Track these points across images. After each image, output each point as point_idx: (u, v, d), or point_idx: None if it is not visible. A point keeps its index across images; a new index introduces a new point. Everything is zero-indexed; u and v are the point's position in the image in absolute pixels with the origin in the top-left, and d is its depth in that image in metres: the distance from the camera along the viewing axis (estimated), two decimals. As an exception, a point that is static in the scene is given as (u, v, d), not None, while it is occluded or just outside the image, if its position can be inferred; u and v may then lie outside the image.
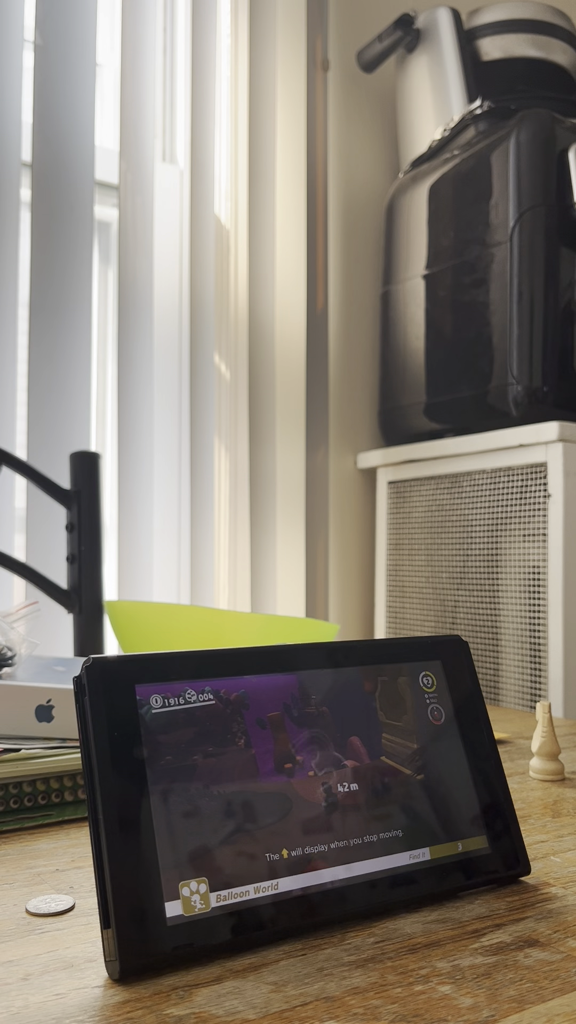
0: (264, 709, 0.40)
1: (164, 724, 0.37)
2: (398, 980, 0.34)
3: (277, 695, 0.40)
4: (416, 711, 0.44)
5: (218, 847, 0.36)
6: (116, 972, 0.33)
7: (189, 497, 1.23)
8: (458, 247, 1.21)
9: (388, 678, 0.44)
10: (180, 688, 0.38)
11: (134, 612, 0.82)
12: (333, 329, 1.41)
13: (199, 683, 0.39)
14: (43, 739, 0.58)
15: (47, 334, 1.11)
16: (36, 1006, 0.32)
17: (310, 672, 0.42)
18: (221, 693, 0.39)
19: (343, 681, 0.43)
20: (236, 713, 0.39)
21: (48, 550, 1.08)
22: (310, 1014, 0.31)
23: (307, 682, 0.42)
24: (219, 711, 0.38)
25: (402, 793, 0.42)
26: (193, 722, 0.37)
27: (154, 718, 0.37)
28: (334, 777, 0.40)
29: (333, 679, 0.43)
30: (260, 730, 0.39)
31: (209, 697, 0.39)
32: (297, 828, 0.38)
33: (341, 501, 1.40)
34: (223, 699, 0.39)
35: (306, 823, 0.39)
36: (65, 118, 1.13)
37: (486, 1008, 0.32)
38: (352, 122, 1.45)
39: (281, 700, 0.40)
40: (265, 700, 0.40)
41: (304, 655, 0.43)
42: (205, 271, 1.25)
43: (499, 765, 0.45)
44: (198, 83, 1.25)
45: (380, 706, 0.44)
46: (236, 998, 0.32)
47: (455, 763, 0.44)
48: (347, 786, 0.41)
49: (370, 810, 0.41)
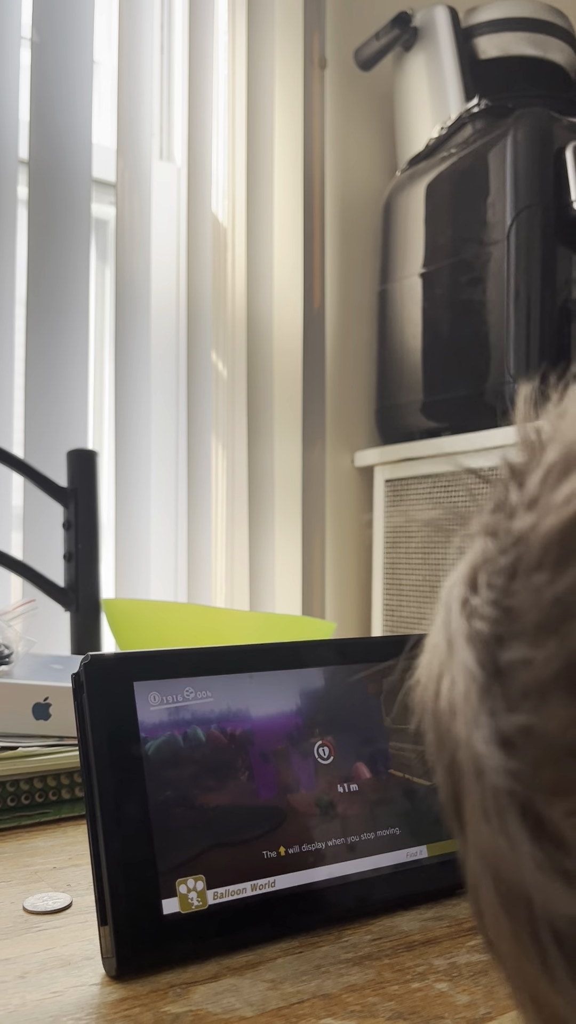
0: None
1: (162, 721, 0.37)
2: (395, 977, 0.34)
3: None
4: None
5: (215, 844, 0.36)
6: (113, 969, 0.33)
7: (186, 495, 1.23)
8: (455, 245, 1.21)
9: (394, 678, 0.44)
10: (179, 686, 0.38)
11: (131, 610, 0.82)
12: (330, 327, 1.41)
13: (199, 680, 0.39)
14: (40, 737, 0.58)
15: (44, 332, 1.10)
16: (33, 1004, 0.32)
17: (312, 689, 0.42)
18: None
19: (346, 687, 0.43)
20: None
21: (45, 548, 1.08)
22: (307, 1011, 0.31)
23: (310, 708, 0.41)
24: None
25: (399, 791, 0.42)
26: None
27: (152, 715, 0.37)
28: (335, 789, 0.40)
29: (336, 685, 0.43)
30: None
31: (208, 695, 0.39)
32: (294, 826, 0.39)
33: (338, 499, 1.40)
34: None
35: (303, 821, 0.39)
36: (62, 116, 1.12)
37: (483, 1005, 0.32)
38: (349, 120, 1.45)
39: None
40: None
41: (302, 652, 0.43)
42: (202, 269, 1.25)
43: (496, 763, 0.45)
44: (195, 81, 1.25)
45: (387, 710, 0.44)
46: (233, 995, 0.32)
47: (452, 761, 0.44)
48: (346, 787, 0.41)
49: (367, 808, 0.41)
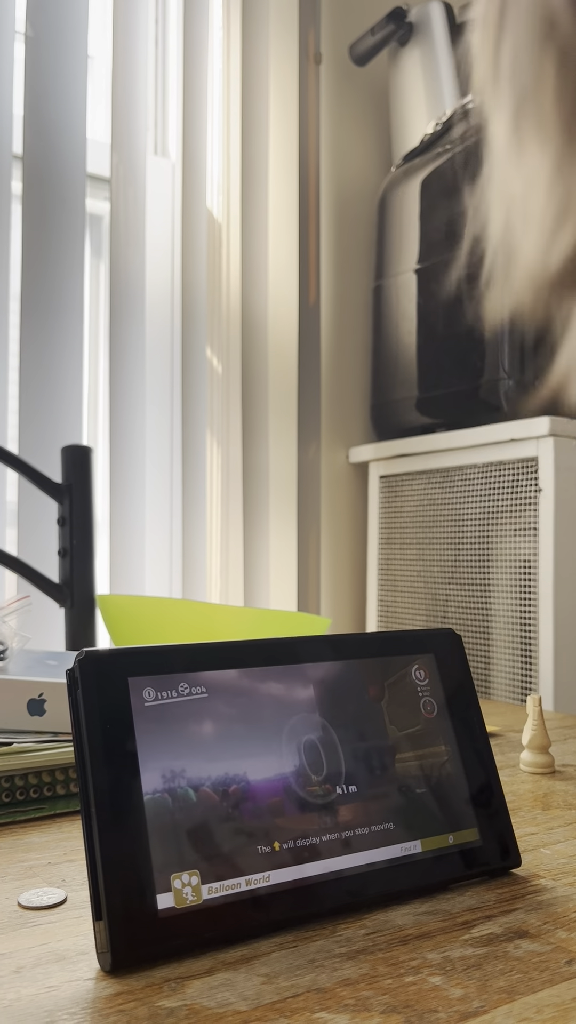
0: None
1: (157, 717, 0.37)
2: (389, 971, 0.34)
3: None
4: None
5: (210, 840, 0.36)
6: (108, 964, 0.33)
7: (181, 491, 1.23)
8: (450, 241, 1.21)
9: (396, 679, 0.44)
10: (173, 681, 0.38)
11: (126, 606, 0.82)
12: (325, 323, 1.41)
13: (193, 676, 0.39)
14: (35, 733, 0.58)
15: (38, 327, 1.10)
16: (28, 998, 0.32)
17: (308, 685, 0.42)
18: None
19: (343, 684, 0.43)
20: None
21: (40, 544, 1.08)
22: (301, 1005, 0.31)
23: (307, 705, 0.41)
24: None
25: (394, 787, 0.42)
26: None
27: (147, 711, 0.37)
28: (326, 770, 0.41)
29: (332, 681, 0.43)
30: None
31: (203, 690, 0.39)
32: (289, 821, 0.39)
33: (333, 495, 1.40)
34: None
35: (298, 816, 0.39)
36: (57, 110, 1.12)
37: (476, 999, 0.32)
38: (344, 116, 1.45)
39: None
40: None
41: (297, 648, 0.43)
42: (197, 265, 1.24)
43: (490, 758, 0.46)
44: (190, 76, 1.25)
45: (390, 718, 0.43)
46: (228, 990, 0.32)
47: (446, 757, 0.44)
48: (341, 783, 0.41)
49: (362, 804, 0.41)
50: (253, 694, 0.40)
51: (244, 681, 0.40)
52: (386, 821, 0.41)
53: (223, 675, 0.40)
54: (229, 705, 0.39)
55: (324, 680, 0.43)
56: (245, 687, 0.40)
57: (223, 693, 0.39)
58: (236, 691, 0.40)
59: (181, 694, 0.38)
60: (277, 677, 0.41)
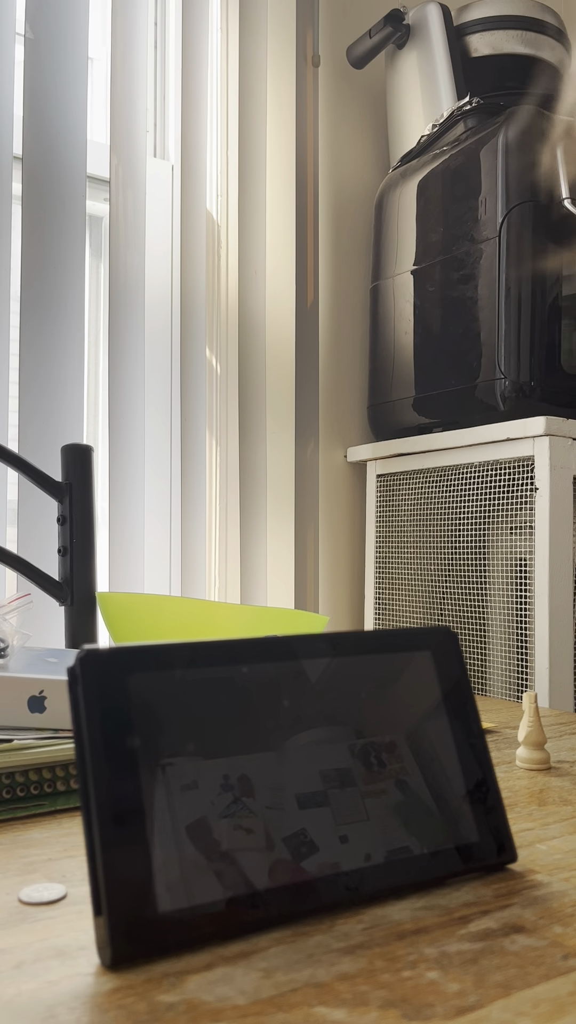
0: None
1: (157, 714, 0.38)
2: (386, 966, 0.34)
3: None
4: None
5: (209, 835, 0.37)
6: (108, 959, 0.34)
7: (180, 490, 1.23)
8: (447, 243, 1.21)
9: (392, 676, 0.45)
10: (173, 678, 0.39)
11: (126, 604, 0.83)
12: (323, 324, 1.41)
13: (192, 673, 0.39)
14: (36, 730, 0.58)
15: (39, 328, 1.11)
16: (28, 994, 0.32)
17: (305, 682, 0.43)
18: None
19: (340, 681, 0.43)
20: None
21: (40, 542, 1.08)
22: (299, 1000, 0.32)
23: (304, 701, 0.42)
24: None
25: (391, 782, 0.43)
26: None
27: (147, 708, 0.37)
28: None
29: (329, 678, 0.43)
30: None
31: (202, 687, 0.39)
32: (288, 817, 0.39)
33: (331, 494, 1.40)
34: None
35: (296, 813, 0.39)
36: (56, 112, 1.12)
37: (473, 993, 0.32)
38: (342, 118, 1.45)
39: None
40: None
41: (295, 645, 0.43)
42: (196, 266, 1.25)
43: (487, 755, 0.46)
44: (189, 78, 1.25)
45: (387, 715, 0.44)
46: (226, 984, 0.33)
47: (443, 754, 0.45)
48: (339, 778, 0.41)
49: (360, 800, 0.41)
50: (252, 691, 0.41)
51: (243, 678, 0.41)
52: (384, 817, 0.41)
53: (222, 672, 0.40)
54: (228, 702, 0.40)
55: (322, 677, 0.43)
56: (244, 684, 0.41)
57: (222, 690, 0.40)
58: (235, 688, 0.40)
59: (181, 691, 0.39)
60: (275, 674, 0.42)
